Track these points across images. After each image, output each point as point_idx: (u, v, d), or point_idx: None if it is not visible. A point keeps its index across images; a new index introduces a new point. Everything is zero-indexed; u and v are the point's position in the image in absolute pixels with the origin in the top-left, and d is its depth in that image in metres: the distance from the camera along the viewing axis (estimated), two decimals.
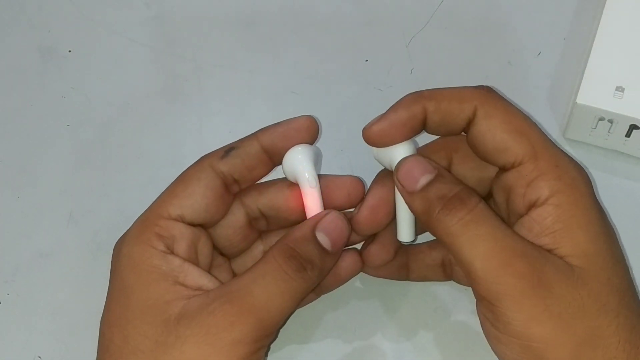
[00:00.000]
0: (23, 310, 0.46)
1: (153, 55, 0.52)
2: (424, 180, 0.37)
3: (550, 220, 0.36)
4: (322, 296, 0.43)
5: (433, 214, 0.36)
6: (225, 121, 0.50)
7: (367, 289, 0.45)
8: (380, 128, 0.38)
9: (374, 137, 0.39)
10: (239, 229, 0.41)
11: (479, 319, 0.37)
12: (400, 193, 0.38)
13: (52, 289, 0.46)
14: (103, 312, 0.38)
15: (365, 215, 0.40)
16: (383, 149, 0.39)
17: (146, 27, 0.53)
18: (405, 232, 0.40)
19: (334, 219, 0.39)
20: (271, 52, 0.52)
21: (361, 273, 0.44)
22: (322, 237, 0.38)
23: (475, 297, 0.37)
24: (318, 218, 0.38)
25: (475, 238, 0.35)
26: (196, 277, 0.38)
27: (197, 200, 0.39)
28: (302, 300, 0.38)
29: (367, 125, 0.39)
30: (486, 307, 0.36)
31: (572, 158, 0.38)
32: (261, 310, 0.36)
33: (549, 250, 0.36)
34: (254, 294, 0.36)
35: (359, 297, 0.45)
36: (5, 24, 0.54)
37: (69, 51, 0.53)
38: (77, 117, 0.51)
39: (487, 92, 0.38)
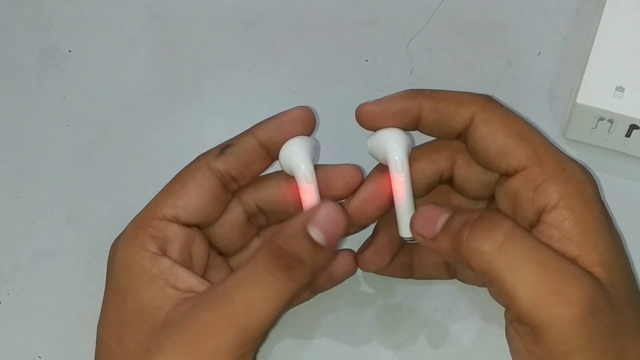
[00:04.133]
0: (23, 310, 0.46)
1: (153, 55, 0.52)
2: (442, 219, 0.36)
3: (568, 224, 0.35)
4: (322, 296, 0.43)
5: (462, 243, 0.34)
6: (225, 121, 0.50)
7: (367, 288, 0.45)
8: (372, 110, 0.38)
9: (364, 116, 0.38)
10: (236, 227, 0.41)
11: (509, 335, 0.36)
12: (423, 245, 0.37)
13: (52, 289, 0.46)
14: (100, 316, 0.38)
15: (355, 206, 0.39)
16: (375, 141, 0.39)
17: (146, 27, 0.53)
18: (407, 227, 0.39)
19: (330, 211, 0.36)
20: (271, 52, 0.52)
21: (362, 271, 0.44)
22: (315, 232, 0.36)
23: (512, 319, 0.35)
24: (311, 212, 0.36)
25: (515, 261, 0.33)
26: (186, 279, 0.37)
27: (191, 200, 0.38)
28: (292, 301, 0.37)
29: (361, 104, 0.39)
30: (525, 331, 0.34)
31: (576, 161, 0.38)
32: (241, 317, 0.35)
33: (573, 259, 0.35)
34: (234, 300, 0.35)
35: (359, 297, 0.45)
36: (5, 24, 0.54)
37: (69, 51, 0.53)
38: (77, 117, 0.51)
39: (487, 99, 0.38)
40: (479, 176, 0.39)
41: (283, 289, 0.35)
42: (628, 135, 0.45)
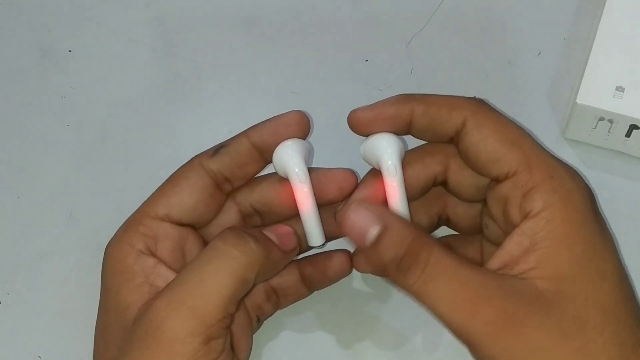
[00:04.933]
0: (23, 310, 0.46)
1: (153, 55, 0.52)
2: (371, 234, 0.35)
3: (540, 236, 0.35)
4: (321, 295, 0.43)
5: (391, 275, 0.35)
6: (225, 121, 0.50)
7: (367, 288, 0.45)
8: (364, 115, 0.38)
9: (356, 122, 0.39)
10: None
11: None
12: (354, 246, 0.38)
13: (52, 289, 0.46)
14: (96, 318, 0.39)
15: None
16: (368, 146, 0.39)
17: (146, 27, 0.53)
18: None
19: (286, 228, 0.39)
20: (271, 52, 0.52)
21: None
22: (269, 234, 0.38)
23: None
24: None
25: (436, 290, 0.35)
26: (167, 277, 0.37)
27: (184, 199, 0.39)
28: (247, 282, 0.36)
29: (353, 109, 0.39)
30: (469, 349, 0.35)
31: (569, 167, 0.37)
32: (191, 297, 0.34)
33: (530, 270, 0.35)
34: (184, 282, 0.35)
35: (359, 296, 0.45)
36: (5, 24, 0.54)
37: (69, 51, 0.53)
38: (77, 117, 0.51)
39: (479, 103, 0.38)
40: (472, 180, 0.39)
41: (234, 261, 0.35)
42: (628, 135, 0.45)
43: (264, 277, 0.38)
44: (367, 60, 0.51)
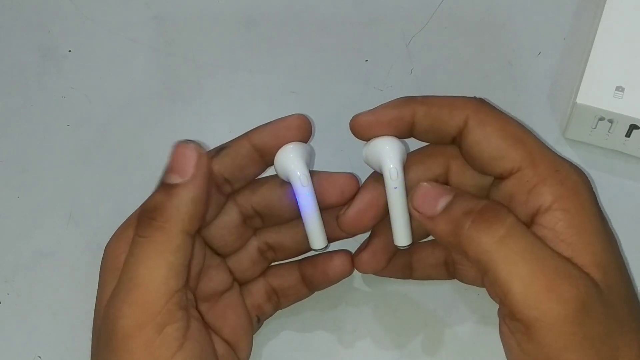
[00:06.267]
0: (23, 310, 0.46)
1: (153, 55, 0.52)
2: (443, 201, 0.36)
3: (561, 226, 0.35)
4: (321, 296, 0.43)
5: (462, 231, 0.34)
6: (225, 121, 0.50)
7: (367, 288, 0.45)
8: (366, 120, 0.38)
9: (358, 127, 0.39)
10: (233, 228, 0.41)
11: (502, 334, 0.36)
12: (420, 222, 0.37)
13: (52, 289, 0.46)
14: None
15: (351, 217, 0.39)
16: (370, 149, 0.39)
17: (146, 27, 0.53)
18: (401, 236, 0.39)
19: (177, 150, 0.36)
20: (271, 52, 0.52)
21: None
22: (169, 177, 0.36)
23: (505, 315, 0.35)
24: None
25: (513, 256, 0.34)
26: None
27: None
28: (183, 256, 0.36)
29: (355, 115, 0.39)
30: (518, 328, 0.34)
31: (571, 163, 0.38)
32: (128, 293, 0.35)
33: (567, 259, 0.35)
34: (121, 282, 0.35)
35: (359, 296, 0.45)
36: (5, 24, 0.54)
37: (69, 51, 0.53)
38: (77, 117, 0.51)
39: (479, 102, 0.38)
40: (473, 181, 0.39)
41: (150, 244, 0.35)
42: (628, 135, 0.45)
43: (199, 218, 0.37)
44: (367, 60, 0.51)
